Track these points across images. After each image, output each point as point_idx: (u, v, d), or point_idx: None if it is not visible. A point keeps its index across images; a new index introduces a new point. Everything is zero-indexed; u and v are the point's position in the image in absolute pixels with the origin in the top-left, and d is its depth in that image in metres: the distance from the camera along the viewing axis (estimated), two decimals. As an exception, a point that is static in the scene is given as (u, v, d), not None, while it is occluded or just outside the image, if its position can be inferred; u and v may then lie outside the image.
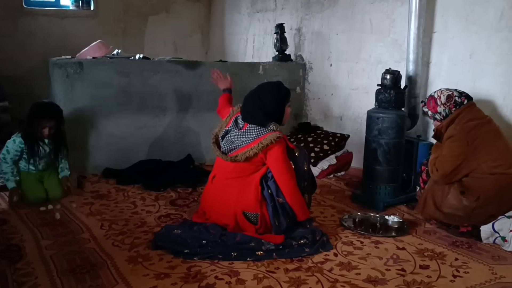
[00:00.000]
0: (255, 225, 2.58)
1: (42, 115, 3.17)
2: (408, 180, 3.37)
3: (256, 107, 2.68)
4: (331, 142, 4.08)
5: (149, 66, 3.97)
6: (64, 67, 3.65)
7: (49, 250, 2.43)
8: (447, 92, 2.86)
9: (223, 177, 2.70)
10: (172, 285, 2.12)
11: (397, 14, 3.74)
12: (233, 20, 6.04)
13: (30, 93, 4.97)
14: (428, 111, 2.94)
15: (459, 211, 2.68)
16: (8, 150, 3.15)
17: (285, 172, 2.61)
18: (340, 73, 4.35)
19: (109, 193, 3.40)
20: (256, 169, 2.64)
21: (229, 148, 2.67)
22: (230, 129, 2.73)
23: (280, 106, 2.72)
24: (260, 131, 2.62)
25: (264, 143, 2.56)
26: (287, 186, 2.61)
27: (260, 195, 2.59)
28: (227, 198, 2.62)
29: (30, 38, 5.47)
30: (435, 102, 2.88)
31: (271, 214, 2.58)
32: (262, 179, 2.62)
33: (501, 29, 3.06)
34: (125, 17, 6.01)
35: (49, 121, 3.18)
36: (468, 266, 2.38)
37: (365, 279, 2.23)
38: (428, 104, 2.93)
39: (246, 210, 2.59)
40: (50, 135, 3.22)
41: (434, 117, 2.92)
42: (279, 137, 2.59)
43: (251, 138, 2.60)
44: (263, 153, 2.59)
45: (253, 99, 2.72)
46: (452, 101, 2.82)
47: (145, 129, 3.97)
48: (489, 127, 2.77)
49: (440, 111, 2.86)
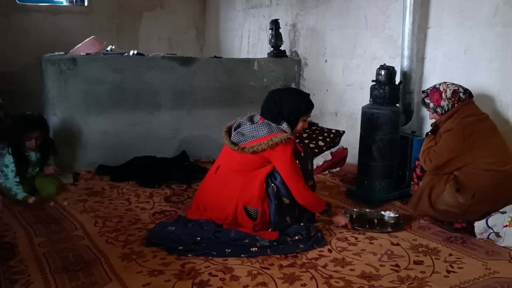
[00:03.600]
0: (255, 221, 2.56)
1: (26, 126, 3.17)
2: (402, 176, 3.37)
3: (273, 103, 2.68)
4: (326, 138, 4.08)
5: (143, 62, 3.94)
6: (57, 64, 3.62)
7: (42, 248, 2.42)
8: (453, 87, 2.83)
9: (227, 169, 2.68)
10: (166, 282, 2.12)
11: (392, 9, 3.73)
12: (228, 16, 6.02)
13: (23, 90, 4.95)
14: (430, 103, 2.89)
15: (454, 208, 2.68)
16: (7, 164, 3.13)
17: (293, 174, 2.59)
18: (335, 69, 4.35)
19: (103, 190, 3.38)
20: (261, 165, 2.62)
21: (239, 139, 2.66)
22: (243, 122, 2.73)
23: (295, 114, 2.68)
24: (271, 129, 2.60)
25: (274, 141, 2.54)
26: (296, 188, 2.60)
27: (264, 192, 2.57)
28: (230, 191, 2.60)
29: (23, 35, 5.42)
30: (439, 95, 2.83)
31: (272, 212, 2.57)
32: (268, 177, 2.61)
33: (495, 24, 3.06)
34: (119, 13, 5.97)
35: (33, 132, 3.17)
36: (462, 262, 2.38)
37: (359, 275, 2.23)
38: (431, 95, 2.88)
39: (248, 205, 2.57)
40: (37, 147, 3.21)
41: (435, 109, 2.87)
42: (290, 138, 2.58)
43: (262, 134, 2.59)
44: (271, 151, 2.56)
45: (274, 95, 2.71)
46: (457, 97, 2.80)
47: (139, 126, 3.96)
48: (486, 124, 2.77)
49: (443, 105, 2.83)
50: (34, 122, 3.23)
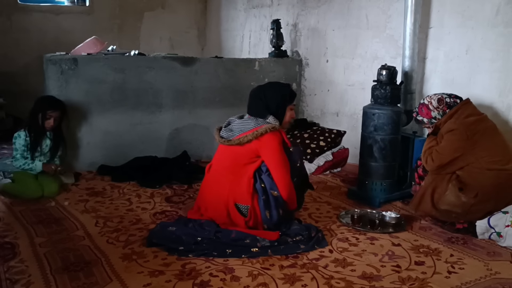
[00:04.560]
0: (245, 217, 2.57)
1: (49, 106, 3.31)
2: (404, 176, 3.36)
3: (259, 99, 2.72)
4: (327, 139, 4.07)
5: (145, 62, 3.94)
6: (58, 63, 3.63)
7: (43, 248, 2.42)
8: (436, 96, 2.88)
9: (218, 167, 2.71)
10: (167, 282, 2.11)
11: (393, 9, 3.73)
12: (229, 16, 6.01)
13: (25, 90, 4.96)
14: (423, 119, 2.92)
15: (456, 208, 2.68)
16: (16, 147, 3.26)
17: (281, 165, 2.60)
18: (336, 69, 4.34)
19: (104, 190, 3.38)
20: (250, 160, 2.63)
21: (228, 135, 2.69)
22: (232, 120, 2.77)
23: (281, 105, 2.73)
24: (257, 122, 2.64)
25: (260, 131, 2.57)
26: (283, 180, 2.60)
27: (252, 187, 2.58)
28: (221, 188, 2.62)
29: (24, 35, 5.44)
30: (427, 108, 2.88)
31: (262, 207, 2.57)
32: (255, 172, 2.62)
33: (497, 24, 3.05)
34: (120, 13, 5.98)
35: (54, 111, 3.31)
36: (463, 262, 2.37)
37: (360, 275, 2.22)
38: (420, 112, 2.93)
39: (238, 202, 2.59)
40: (53, 127, 3.32)
41: (431, 122, 2.90)
42: (275, 128, 2.60)
43: (248, 127, 2.62)
44: (258, 142, 2.58)
45: (258, 92, 2.76)
46: (443, 103, 2.84)
47: (140, 126, 3.96)
48: (487, 123, 2.78)
49: (435, 115, 2.86)
50: (57, 102, 3.39)
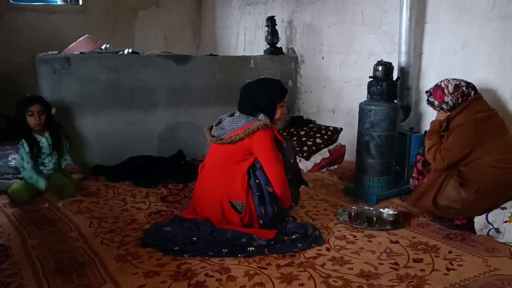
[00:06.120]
0: (240, 214, 2.55)
1: (26, 102, 3.22)
2: (401, 173, 3.34)
3: (248, 98, 2.68)
4: (324, 136, 4.04)
5: (138, 61, 3.91)
6: (51, 63, 3.58)
7: (36, 250, 2.38)
8: (454, 82, 2.80)
9: (211, 166, 2.69)
10: (162, 283, 2.08)
11: (389, 5, 3.70)
12: (224, 13, 5.98)
13: (18, 90, 4.88)
14: (434, 101, 2.86)
15: (456, 204, 2.65)
16: (22, 157, 3.20)
17: (274, 162, 2.58)
18: (332, 66, 4.31)
19: (99, 191, 3.35)
20: (243, 157, 2.61)
21: (219, 133, 2.67)
22: (223, 118, 2.75)
23: (271, 104, 2.68)
24: (248, 119, 2.61)
25: (251, 129, 2.54)
26: (277, 176, 2.57)
27: (246, 184, 2.56)
28: (215, 186, 2.60)
29: (17, 34, 5.38)
30: (442, 91, 2.81)
31: (256, 203, 2.55)
32: (249, 169, 2.59)
33: (493, 19, 3.03)
34: (114, 11, 5.93)
35: (33, 105, 3.20)
36: (462, 259, 2.35)
37: (358, 273, 2.20)
38: (434, 93, 2.86)
39: (232, 199, 2.57)
40: (42, 124, 3.23)
41: (441, 106, 2.84)
42: (266, 124, 2.57)
43: (239, 125, 2.60)
44: (250, 140, 2.55)
45: (247, 90, 2.72)
46: (459, 90, 2.77)
47: (135, 125, 3.92)
48: (497, 120, 2.75)
49: (447, 100, 2.80)
50: (32, 97, 3.32)
